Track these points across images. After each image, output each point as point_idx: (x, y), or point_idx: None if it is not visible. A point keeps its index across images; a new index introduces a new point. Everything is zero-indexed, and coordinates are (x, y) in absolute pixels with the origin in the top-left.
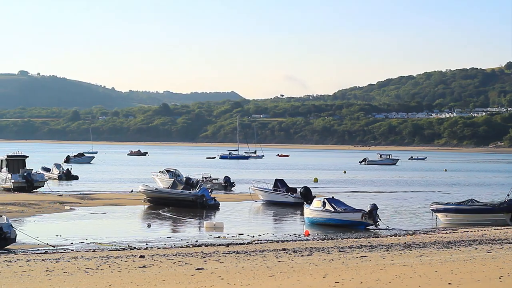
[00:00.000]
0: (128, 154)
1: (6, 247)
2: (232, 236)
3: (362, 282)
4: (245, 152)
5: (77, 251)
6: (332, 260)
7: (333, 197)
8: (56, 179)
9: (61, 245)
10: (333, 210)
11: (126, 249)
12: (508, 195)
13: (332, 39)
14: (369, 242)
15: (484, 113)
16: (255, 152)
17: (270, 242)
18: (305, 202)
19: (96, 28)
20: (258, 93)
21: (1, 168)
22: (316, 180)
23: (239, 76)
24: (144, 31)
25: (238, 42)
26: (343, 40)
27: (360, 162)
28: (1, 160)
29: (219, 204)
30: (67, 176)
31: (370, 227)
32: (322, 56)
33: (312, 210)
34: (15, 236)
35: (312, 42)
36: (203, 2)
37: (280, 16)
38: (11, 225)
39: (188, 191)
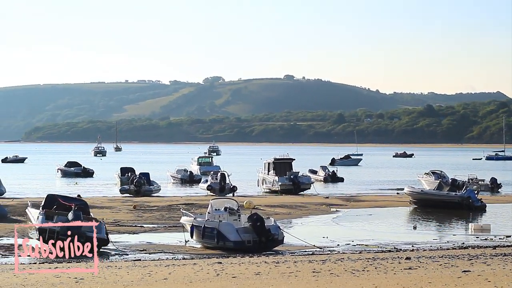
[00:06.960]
0: (393, 156)
1: (274, 248)
2: (500, 238)
3: None
4: None
5: (343, 253)
6: None
7: None
8: (322, 181)
9: (327, 247)
10: None
11: (392, 251)
12: None
13: None
14: None
15: None
16: None
17: None
18: None
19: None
20: None
21: (269, 171)
22: None
23: (503, 76)
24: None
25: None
26: None
27: None
28: (269, 163)
29: (485, 206)
30: (333, 178)
31: None
32: None
33: None
34: (283, 238)
35: None
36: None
37: None
38: (279, 226)
39: (454, 193)
